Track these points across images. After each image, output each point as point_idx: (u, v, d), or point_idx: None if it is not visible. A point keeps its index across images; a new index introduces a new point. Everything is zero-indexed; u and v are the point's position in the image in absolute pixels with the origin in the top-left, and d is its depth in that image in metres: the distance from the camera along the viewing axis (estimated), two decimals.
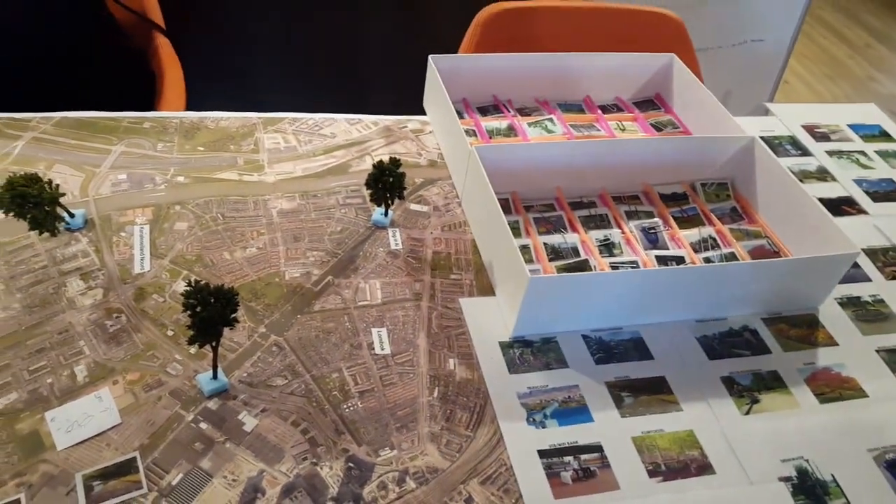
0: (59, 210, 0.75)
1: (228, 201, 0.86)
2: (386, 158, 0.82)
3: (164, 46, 1.34)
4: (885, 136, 1.16)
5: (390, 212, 0.87)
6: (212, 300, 0.61)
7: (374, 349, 0.73)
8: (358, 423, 0.66)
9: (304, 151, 0.96)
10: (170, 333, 0.71)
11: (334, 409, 0.67)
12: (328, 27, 1.78)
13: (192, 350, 0.69)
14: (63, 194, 0.76)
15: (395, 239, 0.85)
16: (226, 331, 0.63)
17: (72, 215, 0.79)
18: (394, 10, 1.78)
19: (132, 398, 0.65)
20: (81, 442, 0.62)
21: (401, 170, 0.82)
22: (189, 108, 1.09)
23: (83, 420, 0.63)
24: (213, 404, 0.66)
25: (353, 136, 1.00)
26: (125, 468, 0.60)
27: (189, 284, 0.61)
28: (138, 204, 0.84)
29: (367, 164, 0.95)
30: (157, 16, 1.38)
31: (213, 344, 0.64)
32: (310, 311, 0.75)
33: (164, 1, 1.39)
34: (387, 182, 0.81)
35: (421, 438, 0.66)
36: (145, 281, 0.75)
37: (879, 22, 3.37)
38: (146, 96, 1.27)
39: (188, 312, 0.61)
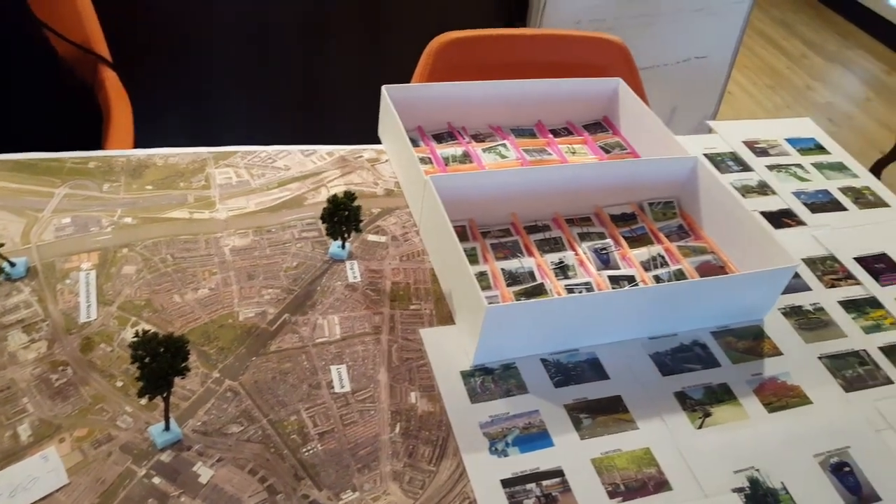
0: None
1: (178, 241, 0.84)
2: (342, 189, 0.81)
3: (111, 80, 1.31)
4: (819, 149, 1.20)
5: (347, 244, 0.86)
6: (161, 350, 0.59)
7: (333, 388, 0.72)
8: (318, 466, 0.65)
9: (258, 185, 0.94)
10: (119, 384, 0.68)
11: (293, 453, 0.66)
12: (285, 57, 1.77)
13: (143, 401, 0.67)
14: (2, 244, 0.73)
15: (354, 271, 0.85)
16: (177, 378, 0.62)
17: (12, 264, 0.77)
18: (352, 38, 1.79)
19: (80, 456, 0.63)
20: None
21: (356, 202, 0.81)
22: (141, 144, 1.06)
23: (28, 483, 0.60)
24: (166, 457, 0.64)
25: (307, 168, 0.99)
26: None
27: (136, 335, 0.59)
28: (84, 249, 0.81)
29: (323, 196, 0.94)
30: (102, 48, 1.35)
31: (165, 395, 0.62)
32: (265, 353, 0.74)
33: (111, 32, 1.37)
34: (342, 216, 0.80)
35: (383, 478, 0.65)
36: (92, 330, 0.73)
37: (814, 34, 3.52)
38: (93, 134, 1.24)
39: (137, 364, 0.59)
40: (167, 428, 0.64)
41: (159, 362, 0.59)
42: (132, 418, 0.66)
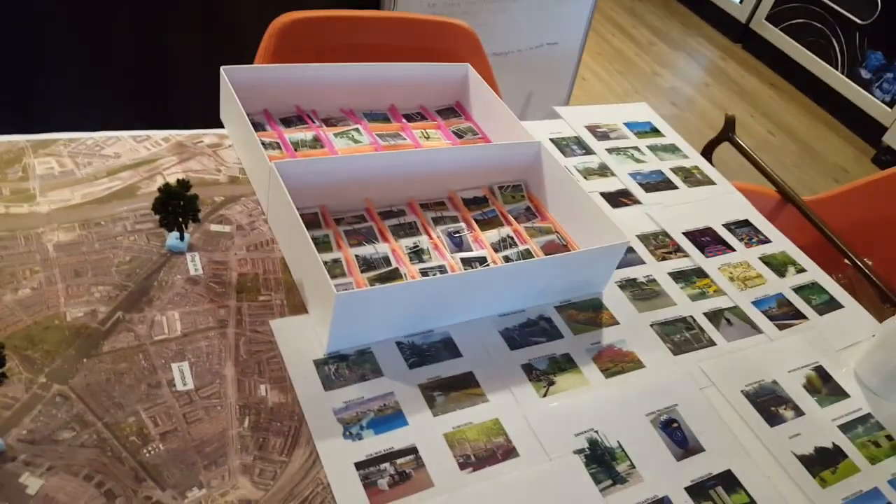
0: None
1: None
2: (180, 177, 0.77)
3: None
4: (654, 132, 1.30)
5: (186, 235, 0.82)
6: None
7: (175, 386, 0.69)
8: (161, 466, 0.62)
9: (84, 175, 0.88)
10: None
11: (132, 455, 0.63)
12: (118, 34, 1.64)
13: None
14: None
15: (195, 264, 0.81)
16: None
17: None
18: (194, 13, 1.69)
19: None
20: None
21: (192, 191, 0.78)
22: None
23: None
24: None
25: (140, 155, 0.93)
26: None
27: None
28: None
29: (159, 185, 0.88)
30: None
31: None
32: (98, 354, 0.69)
33: None
34: (177, 206, 0.77)
35: (232, 472, 0.64)
36: None
37: (660, 22, 3.77)
38: None
39: None
40: None
41: None
42: None
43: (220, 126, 1.02)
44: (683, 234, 1.07)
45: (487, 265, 0.90)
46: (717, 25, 3.78)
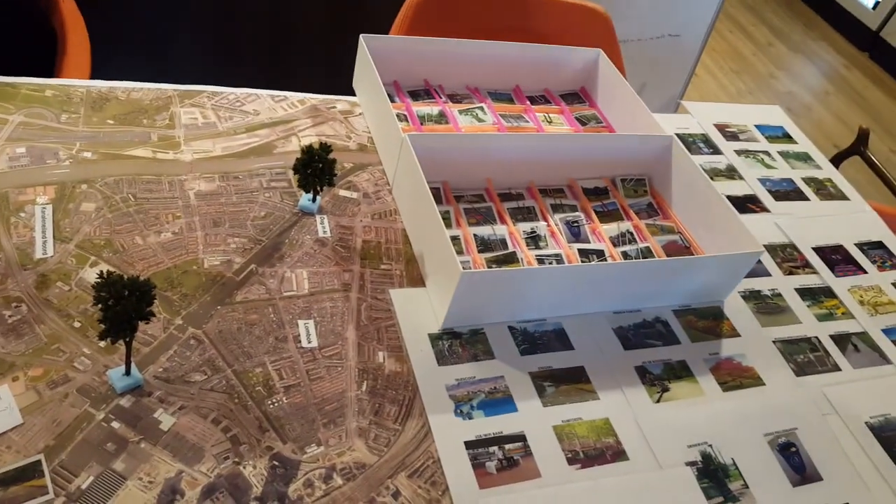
0: None
1: (140, 181, 0.81)
2: (313, 140, 0.79)
3: (67, 4, 1.23)
4: (787, 137, 1.22)
5: (318, 197, 0.84)
6: (126, 293, 0.57)
7: (300, 342, 0.71)
8: (283, 419, 0.64)
9: (225, 129, 0.91)
10: (76, 325, 0.66)
11: (258, 405, 0.65)
12: None
13: (102, 343, 0.65)
14: None
15: (324, 226, 0.83)
16: (140, 323, 0.60)
17: None
18: None
19: (35, 396, 0.60)
20: None
21: (331, 156, 0.79)
22: (94, 74, 1.01)
23: None
24: (125, 402, 0.62)
25: (277, 115, 0.95)
26: (28, 472, 0.56)
27: (100, 276, 0.57)
28: (39, 181, 0.77)
29: (294, 146, 0.91)
30: None
31: (127, 339, 0.60)
32: (231, 302, 0.72)
33: None
34: (316, 168, 0.78)
35: (349, 434, 0.65)
36: (48, 267, 0.70)
37: (781, 22, 3.57)
38: (46, 59, 1.17)
39: (100, 306, 0.56)
40: (127, 372, 0.62)
41: (124, 305, 0.56)
42: (90, 361, 0.64)
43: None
44: (813, 249, 1.01)
45: (605, 259, 0.88)
46: (843, 31, 3.54)
